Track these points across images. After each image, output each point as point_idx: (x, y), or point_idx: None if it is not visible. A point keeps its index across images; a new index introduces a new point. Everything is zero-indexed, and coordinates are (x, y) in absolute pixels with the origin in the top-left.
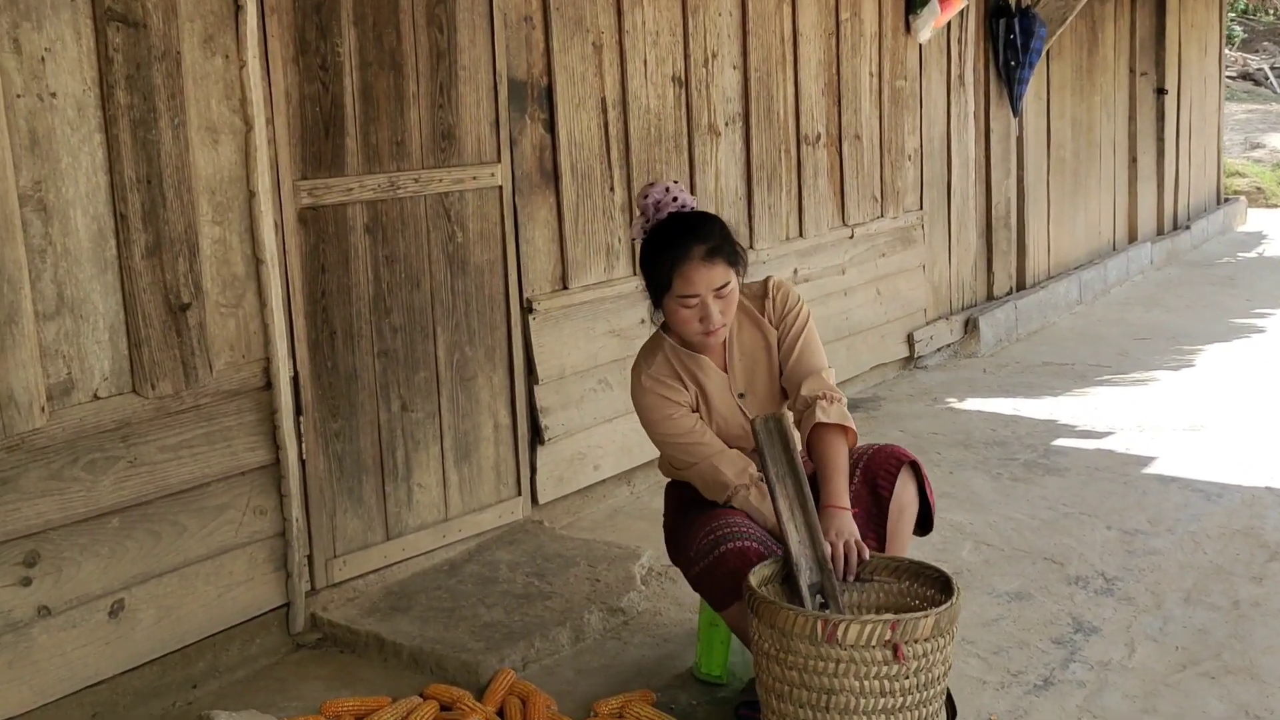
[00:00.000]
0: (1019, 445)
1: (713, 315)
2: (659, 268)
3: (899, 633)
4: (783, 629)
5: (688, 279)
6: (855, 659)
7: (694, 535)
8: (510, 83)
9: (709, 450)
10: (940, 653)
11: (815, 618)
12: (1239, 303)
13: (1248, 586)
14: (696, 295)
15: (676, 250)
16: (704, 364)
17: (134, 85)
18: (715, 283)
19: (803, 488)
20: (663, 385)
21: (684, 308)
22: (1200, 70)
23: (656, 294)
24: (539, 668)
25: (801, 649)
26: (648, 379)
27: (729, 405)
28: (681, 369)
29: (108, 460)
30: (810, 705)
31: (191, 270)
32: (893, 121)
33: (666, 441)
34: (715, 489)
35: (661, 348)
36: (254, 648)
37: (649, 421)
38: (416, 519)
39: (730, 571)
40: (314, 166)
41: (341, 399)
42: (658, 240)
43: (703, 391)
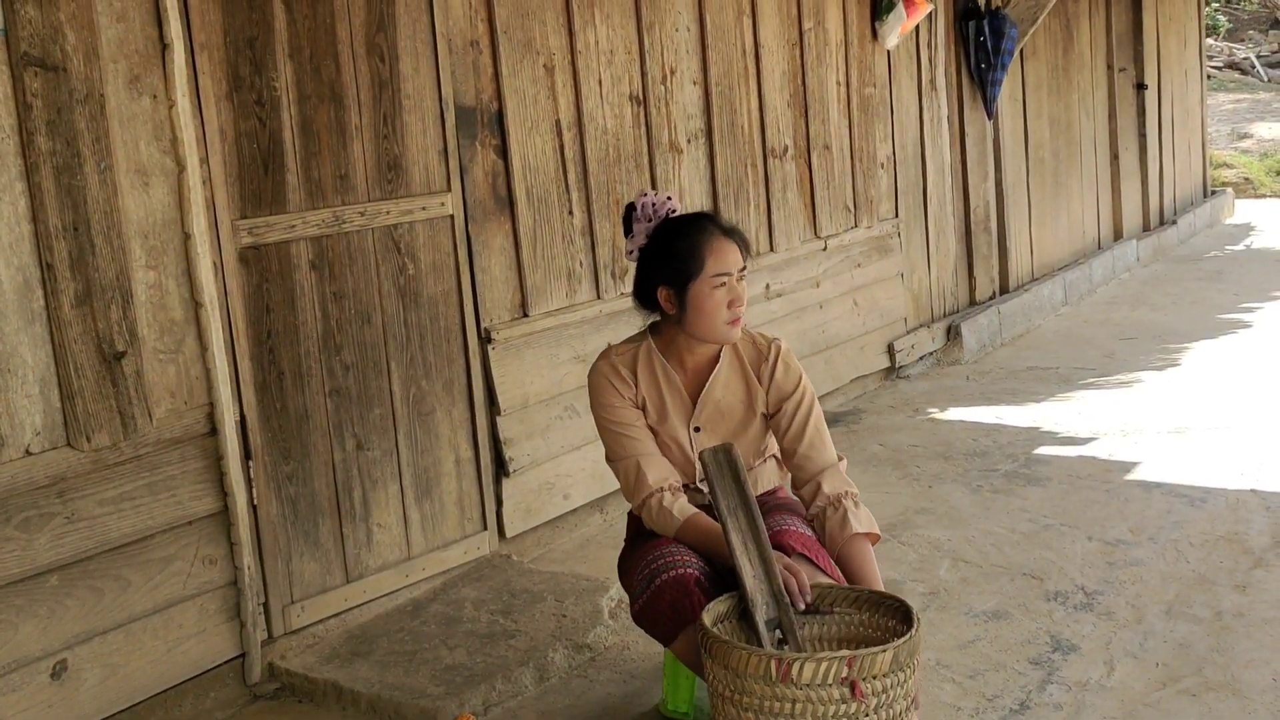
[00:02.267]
0: (1000, 455)
1: (741, 298)
2: (688, 251)
3: (856, 669)
4: (736, 669)
5: (721, 255)
6: (812, 698)
7: (634, 569)
8: (458, 109)
9: (640, 449)
10: (901, 687)
11: (769, 656)
12: (1226, 297)
13: (1231, 596)
14: (729, 272)
15: (702, 231)
16: (674, 381)
17: (55, 130)
18: (739, 263)
19: (755, 520)
20: (615, 374)
21: (716, 288)
22: (1181, 63)
23: (682, 285)
24: (501, 711)
25: (756, 689)
26: (606, 362)
27: (680, 432)
28: (646, 370)
29: (43, 517)
30: None
31: (125, 317)
32: (863, 130)
33: (604, 426)
34: (637, 489)
35: (639, 344)
36: (208, 701)
37: (594, 402)
38: (377, 559)
39: (670, 603)
40: (254, 204)
41: (293, 441)
42: (674, 231)
43: (661, 403)
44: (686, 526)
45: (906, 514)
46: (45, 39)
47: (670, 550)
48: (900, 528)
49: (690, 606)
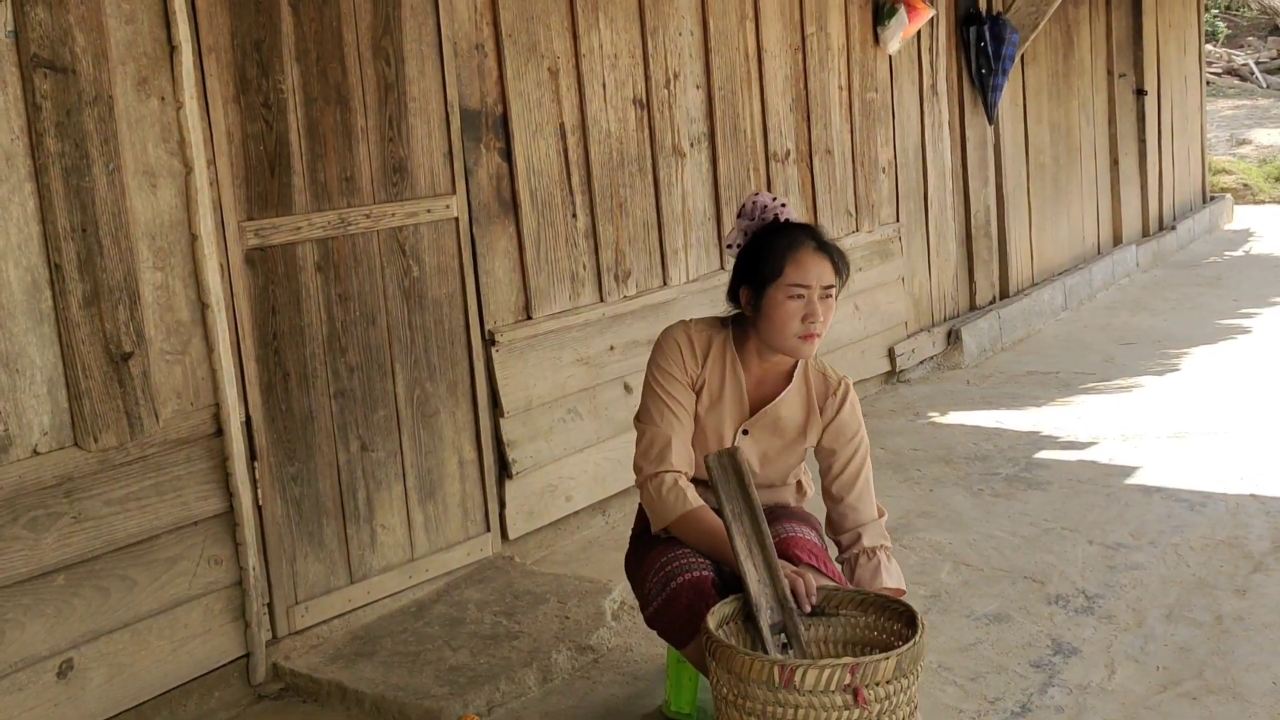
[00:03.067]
0: (1001, 459)
1: (818, 314)
2: (771, 253)
3: (859, 676)
4: (739, 674)
5: (802, 266)
6: (815, 704)
7: (646, 572)
8: (463, 112)
9: (676, 428)
10: (904, 694)
11: (772, 663)
12: (1225, 303)
13: (1231, 600)
14: (808, 286)
15: (789, 239)
16: (739, 379)
17: (64, 132)
18: (825, 279)
19: (760, 525)
20: (689, 345)
21: (791, 299)
22: (1180, 69)
23: (760, 287)
24: (505, 712)
25: (759, 694)
26: (684, 330)
27: (727, 430)
28: (716, 356)
29: (50, 517)
30: None
31: (133, 318)
32: (864, 134)
33: (652, 388)
34: (657, 460)
35: (720, 329)
36: (213, 701)
37: (655, 360)
38: (381, 561)
39: (686, 606)
40: (260, 206)
41: (298, 442)
42: (768, 232)
43: (720, 393)
44: (693, 515)
45: (908, 517)
46: (55, 41)
47: (683, 553)
48: (902, 531)
49: (706, 610)
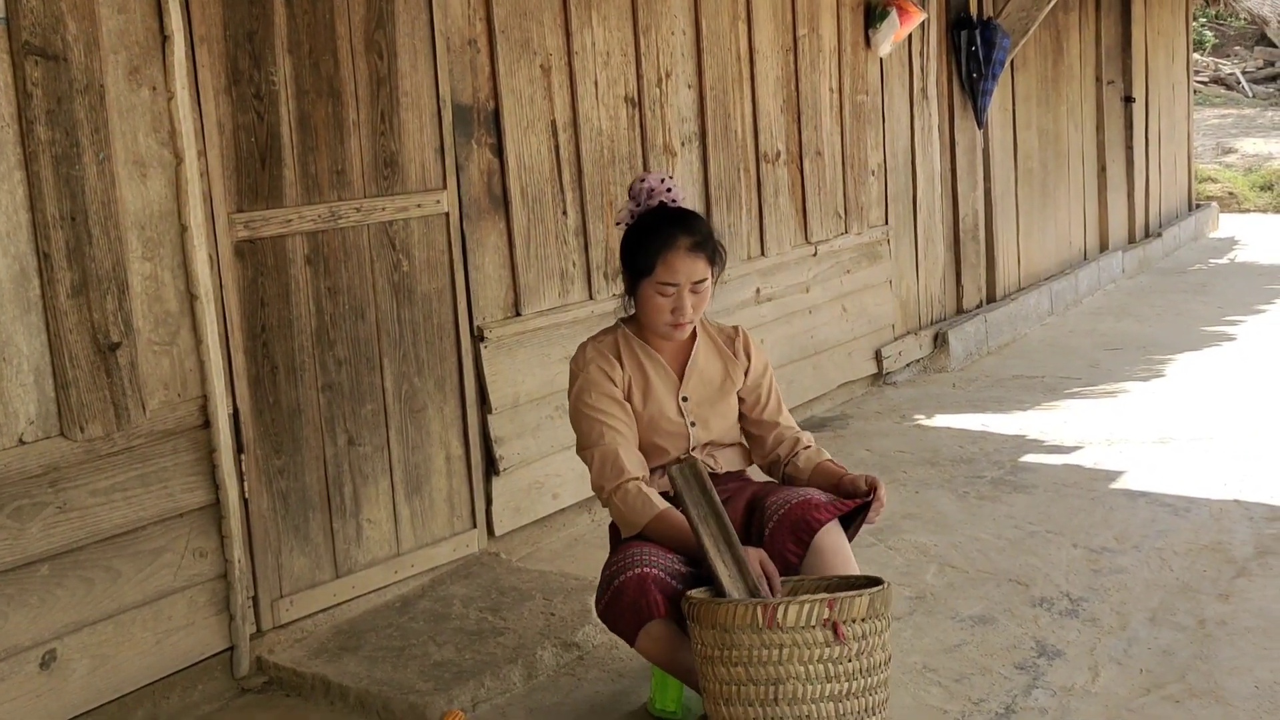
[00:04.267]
0: (987, 462)
1: (685, 307)
2: (644, 251)
3: (836, 611)
4: (724, 625)
5: (671, 266)
6: (798, 641)
7: (603, 572)
8: (455, 108)
9: (618, 439)
10: (879, 636)
11: (755, 604)
12: (1210, 310)
13: (1214, 604)
14: (676, 284)
15: (663, 237)
16: (655, 359)
17: (55, 120)
18: (695, 275)
19: (725, 525)
20: (602, 358)
21: (660, 295)
22: (1168, 77)
23: (634, 278)
24: (489, 708)
25: (744, 640)
26: (591, 349)
27: (670, 403)
28: (628, 353)
29: (35, 506)
30: (759, 701)
31: (121, 308)
32: (855, 137)
33: (582, 413)
34: (612, 474)
35: (615, 332)
36: (196, 694)
37: (577, 389)
38: (367, 555)
39: (630, 603)
40: (250, 198)
41: (285, 435)
42: (645, 225)
43: (646, 381)
44: (662, 517)
45: (893, 519)
46: (46, 28)
47: (633, 552)
48: (887, 532)
49: (647, 605)
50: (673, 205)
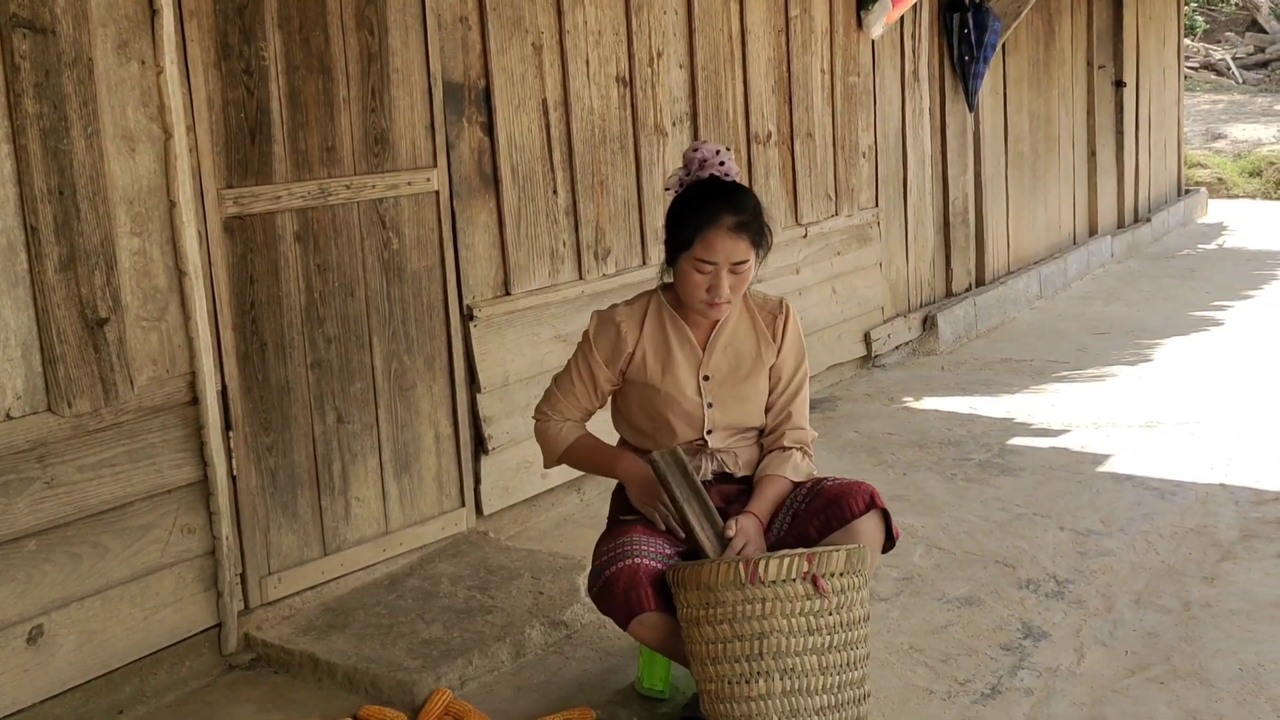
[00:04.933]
0: (974, 445)
1: (722, 288)
2: (685, 226)
3: (816, 564)
4: (708, 584)
5: (710, 244)
6: (779, 595)
7: (595, 554)
8: (446, 85)
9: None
10: (857, 593)
11: (736, 562)
12: (1198, 295)
13: (1199, 587)
14: (714, 263)
15: (707, 213)
16: (683, 330)
17: (43, 93)
18: (735, 256)
19: (707, 503)
20: (618, 325)
21: (698, 272)
22: (1159, 62)
23: (674, 250)
24: (477, 685)
25: (728, 598)
26: (622, 310)
27: (690, 380)
28: (654, 321)
29: (22, 482)
30: (745, 657)
31: (109, 283)
32: (846, 118)
33: (574, 361)
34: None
35: (650, 297)
36: (184, 670)
37: (587, 334)
38: (355, 533)
39: (621, 593)
40: (240, 174)
41: (274, 412)
42: (691, 198)
43: (667, 353)
44: (577, 443)
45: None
46: (35, 1)
47: (627, 540)
48: None
49: (638, 599)
50: (724, 179)
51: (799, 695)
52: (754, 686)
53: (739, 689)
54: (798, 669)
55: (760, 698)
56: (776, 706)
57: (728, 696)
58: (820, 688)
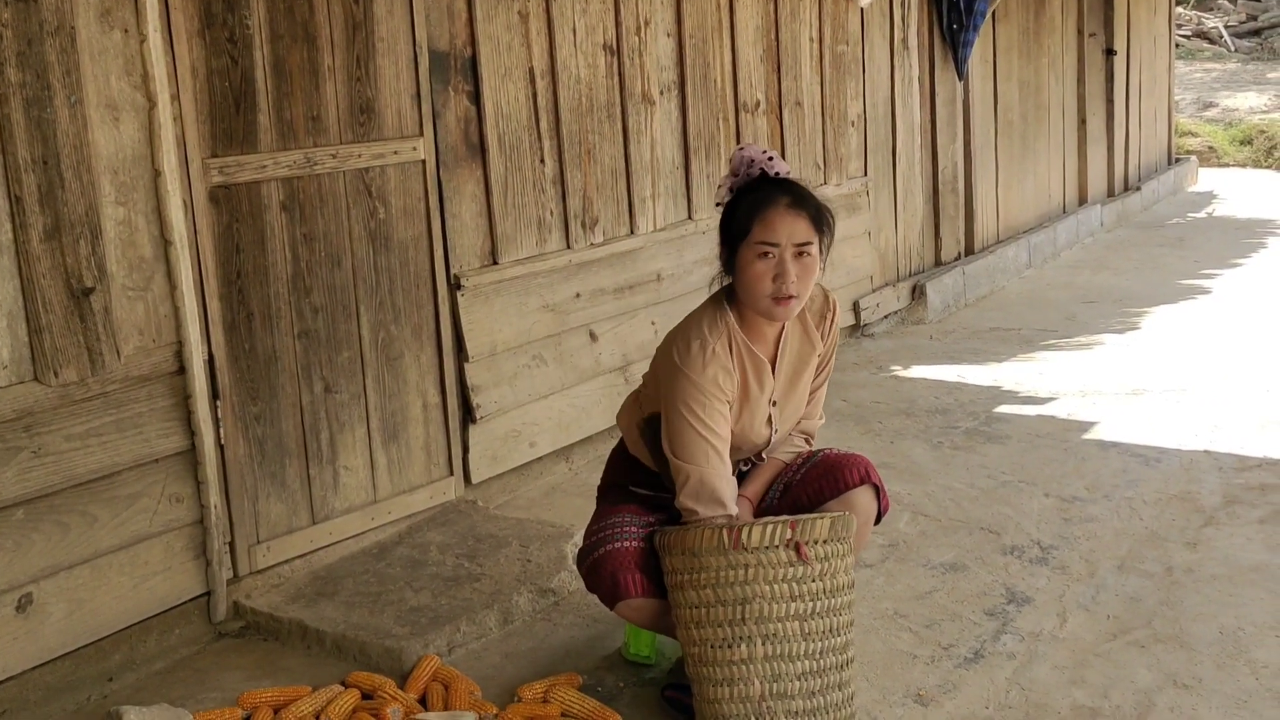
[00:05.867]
0: (961, 413)
1: (788, 275)
2: (739, 211)
3: (799, 531)
4: (693, 549)
5: (769, 223)
6: (763, 561)
7: (588, 527)
8: (432, 54)
9: (715, 462)
10: (841, 560)
11: (720, 528)
12: (1187, 264)
13: (1182, 553)
14: (776, 244)
15: (762, 197)
16: (758, 360)
17: (25, 62)
18: (798, 236)
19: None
20: (723, 363)
21: (760, 258)
22: (1150, 30)
23: (732, 246)
24: (465, 652)
25: (712, 563)
26: (715, 347)
27: (762, 411)
28: (737, 355)
29: (9, 451)
30: (727, 622)
31: (94, 253)
32: (835, 87)
33: (687, 420)
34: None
35: (725, 323)
36: (173, 638)
37: (688, 390)
38: (344, 502)
39: (609, 575)
40: (225, 143)
41: (261, 381)
42: (742, 192)
43: (746, 390)
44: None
45: None
46: None
47: (616, 521)
48: None
49: (625, 584)
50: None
51: (781, 660)
52: (736, 651)
53: (721, 653)
54: (780, 634)
55: (742, 662)
56: (758, 671)
57: (710, 660)
58: (802, 653)
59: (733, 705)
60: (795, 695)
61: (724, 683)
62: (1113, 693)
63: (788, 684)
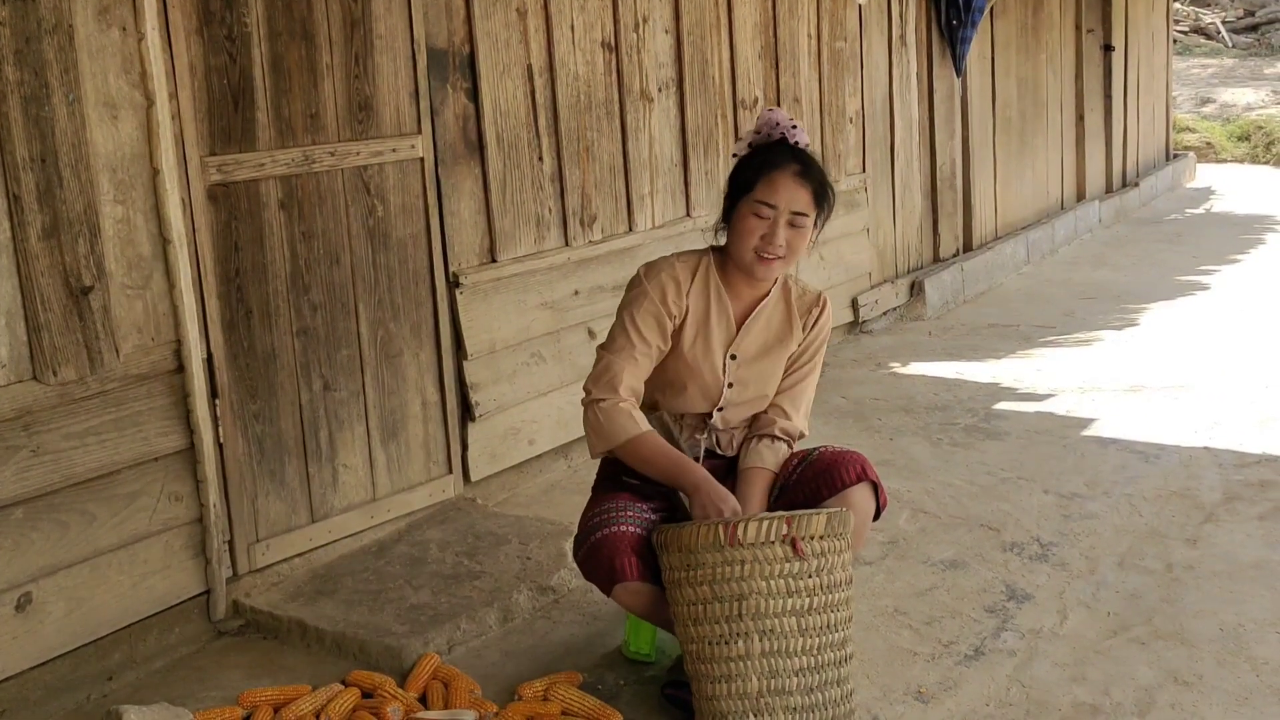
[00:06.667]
0: (960, 409)
1: (777, 237)
2: (749, 166)
3: (795, 527)
4: (689, 546)
5: (773, 184)
6: (758, 557)
7: (582, 520)
8: (430, 51)
9: (632, 358)
10: (838, 556)
11: (716, 524)
12: (1185, 260)
13: (1182, 549)
14: (774, 206)
15: (774, 158)
16: (725, 303)
17: (24, 60)
18: (796, 205)
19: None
20: (675, 282)
21: (755, 215)
22: (1148, 26)
23: (733, 198)
24: (465, 650)
25: (708, 559)
26: (676, 264)
27: (715, 357)
28: (700, 285)
29: (8, 450)
30: (724, 618)
31: (93, 251)
32: (833, 84)
33: (624, 317)
34: (604, 384)
35: (702, 256)
36: (173, 637)
37: (637, 293)
38: (343, 500)
39: (606, 559)
40: (223, 142)
41: (260, 380)
42: (758, 149)
43: (706, 323)
44: (643, 439)
45: None
46: None
47: (612, 506)
48: None
49: (622, 567)
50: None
51: (778, 656)
52: (733, 647)
53: (719, 650)
54: (776, 630)
55: (739, 658)
56: (756, 667)
57: (708, 657)
58: (800, 649)
59: (730, 702)
60: (793, 691)
61: (722, 679)
62: (1113, 690)
63: (785, 680)
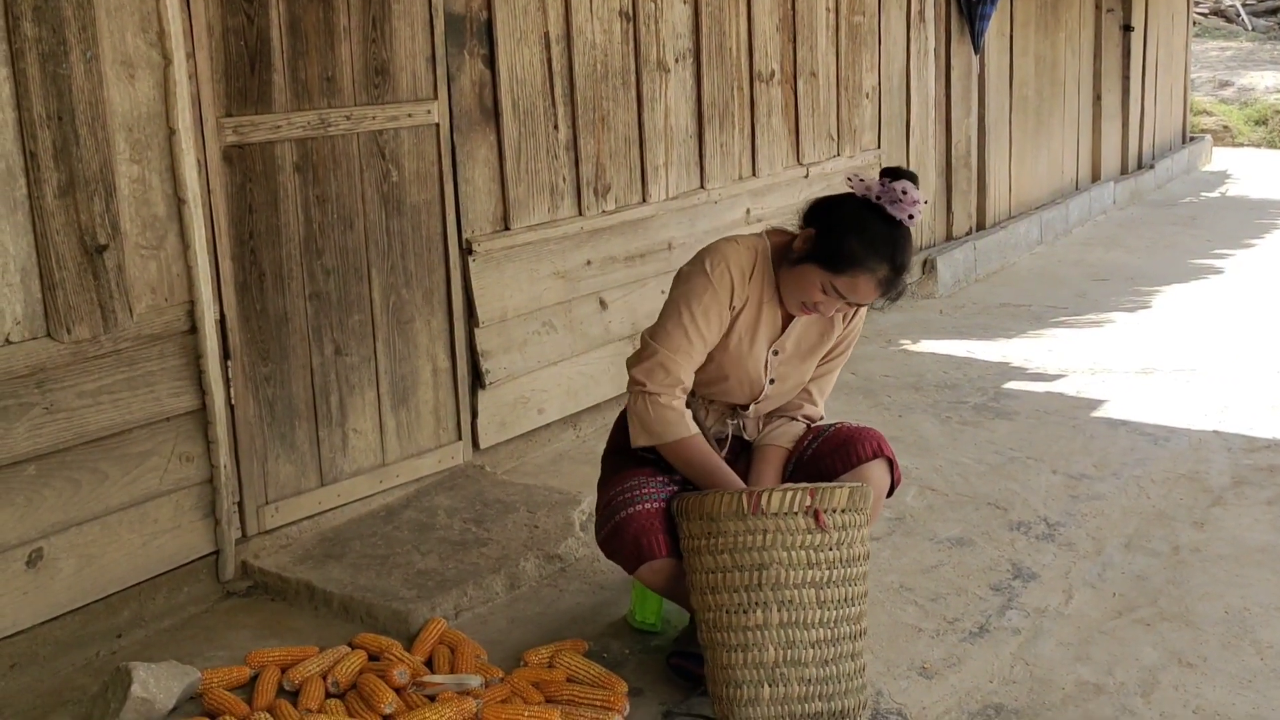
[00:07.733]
0: (970, 388)
1: (831, 310)
2: (845, 251)
3: (818, 499)
4: (711, 514)
5: (855, 286)
6: (781, 527)
7: (603, 497)
8: (448, 16)
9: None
10: (858, 530)
11: (740, 492)
12: (1199, 243)
13: (1189, 532)
14: (844, 297)
15: (872, 259)
16: (774, 301)
17: (42, 17)
18: (864, 300)
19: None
20: (740, 273)
21: (821, 292)
22: (1168, 6)
23: (816, 255)
24: (472, 616)
25: (730, 528)
26: (741, 256)
27: (759, 351)
28: (757, 281)
29: (22, 407)
30: (744, 587)
31: (108, 210)
32: (850, 58)
33: (680, 308)
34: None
35: (758, 250)
36: (181, 596)
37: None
38: (352, 464)
39: (632, 538)
40: (239, 103)
41: (272, 342)
42: (869, 224)
43: (756, 318)
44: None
45: None
46: None
47: (637, 484)
48: None
49: (650, 545)
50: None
51: (796, 628)
52: (752, 616)
53: (737, 619)
54: (795, 601)
55: (757, 628)
56: (773, 637)
57: (725, 625)
58: (817, 621)
59: (746, 671)
60: (809, 663)
61: (738, 648)
62: (1117, 670)
63: (802, 651)
